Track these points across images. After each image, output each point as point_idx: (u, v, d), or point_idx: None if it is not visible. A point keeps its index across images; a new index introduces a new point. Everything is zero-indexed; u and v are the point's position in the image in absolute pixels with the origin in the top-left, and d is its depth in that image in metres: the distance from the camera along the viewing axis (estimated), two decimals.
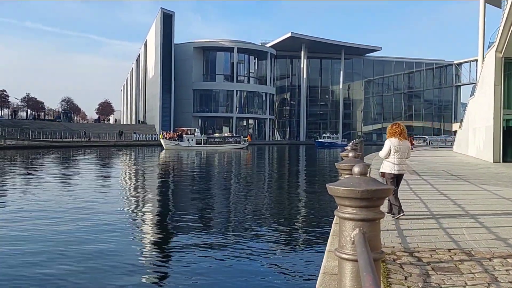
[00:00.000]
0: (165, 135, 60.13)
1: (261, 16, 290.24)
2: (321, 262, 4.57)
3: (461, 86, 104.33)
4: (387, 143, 6.85)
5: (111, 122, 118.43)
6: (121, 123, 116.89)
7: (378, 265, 2.38)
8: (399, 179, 6.97)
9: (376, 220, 2.32)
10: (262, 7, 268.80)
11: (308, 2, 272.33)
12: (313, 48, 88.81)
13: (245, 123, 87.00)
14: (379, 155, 7.09)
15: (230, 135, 69.07)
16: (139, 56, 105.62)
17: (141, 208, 14.40)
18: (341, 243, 2.34)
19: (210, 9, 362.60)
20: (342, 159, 8.45)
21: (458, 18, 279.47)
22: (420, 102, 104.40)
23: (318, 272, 4.09)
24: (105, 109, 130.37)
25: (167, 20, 75.77)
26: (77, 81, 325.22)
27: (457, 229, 5.78)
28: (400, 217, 6.49)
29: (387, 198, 5.38)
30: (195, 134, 62.13)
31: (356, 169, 2.40)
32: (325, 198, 14.73)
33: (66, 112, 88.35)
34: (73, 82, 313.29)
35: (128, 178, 24.25)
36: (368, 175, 2.47)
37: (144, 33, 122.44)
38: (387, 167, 6.84)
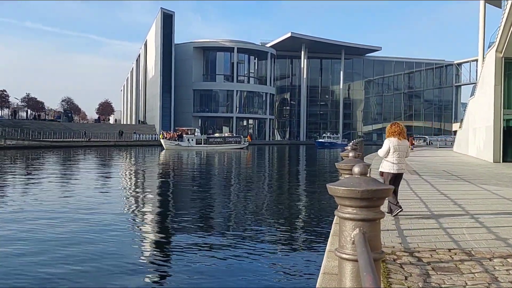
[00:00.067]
0: (165, 135, 60.12)
1: (261, 16, 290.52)
2: (321, 262, 4.58)
3: (461, 86, 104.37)
4: (386, 142, 6.88)
5: (111, 122, 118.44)
6: (121, 123, 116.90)
7: (378, 265, 2.38)
8: (398, 178, 6.98)
9: (376, 220, 2.32)
10: (262, 7, 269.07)
11: (308, 2, 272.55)
12: (313, 48, 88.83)
13: (245, 123, 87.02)
14: (378, 153, 7.12)
15: (230, 135, 69.06)
16: (139, 56, 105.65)
17: (142, 208, 14.41)
18: (341, 243, 2.34)
19: (210, 9, 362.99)
20: (342, 159, 8.46)
21: (458, 18, 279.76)
22: (420, 102, 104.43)
23: (318, 272, 4.09)
24: (105, 109, 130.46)
25: (167, 20, 75.81)
26: (77, 81, 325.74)
27: (457, 229, 5.78)
28: (398, 213, 6.50)
29: (387, 198, 5.39)
30: (195, 134, 62.12)
31: (356, 169, 2.40)
32: (325, 198, 14.73)
33: (66, 112, 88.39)
34: (73, 82, 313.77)
35: (129, 178, 24.26)
36: (368, 175, 2.47)
37: (144, 33, 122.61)
38: (386, 166, 6.86)
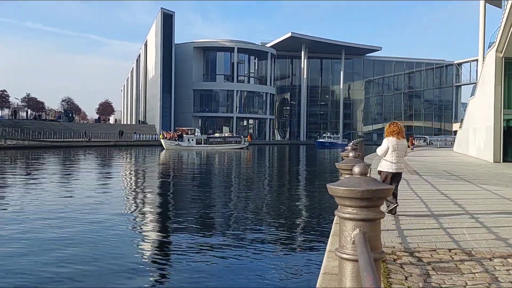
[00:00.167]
0: (165, 135, 60.11)
1: (261, 16, 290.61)
2: (321, 262, 4.58)
3: (462, 86, 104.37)
4: (385, 142, 6.94)
5: (111, 122, 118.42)
6: (122, 123, 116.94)
7: (378, 265, 2.38)
8: (397, 177, 7.02)
9: (376, 220, 2.32)
10: (262, 7, 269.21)
11: (308, 2, 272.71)
12: (314, 48, 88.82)
13: (245, 123, 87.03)
14: (377, 152, 7.16)
15: (230, 135, 69.04)
16: (139, 56, 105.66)
17: (142, 208, 14.40)
18: (341, 243, 2.34)
19: (210, 9, 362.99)
20: (343, 159, 8.46)
21: (458, 18, 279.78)
22: (421, 102, 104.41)
23: (319, 272, 4.09)
24: (105, 109, 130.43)
25: (167, 20, 75.81)
26: (78, 81, 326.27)
27: (458, 229, 5.78)
28: (395, 208, 6.53)
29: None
30: (195, 134, 62.10)
31: (356, 169, 2.40)
32: (326, 198, 14.73)
33: (67, 112, 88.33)
34: (74, 82, 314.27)
35: (129, 178, 24.26)
36: (368, 175, 2.47)
37: (144, 33, 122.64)
38: (385, 166, 6.91)
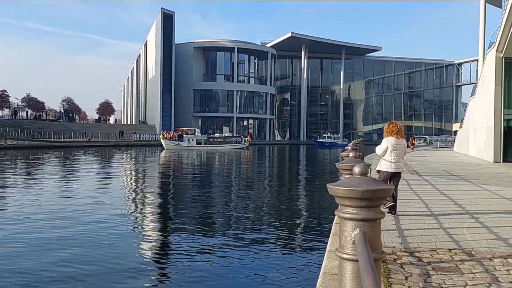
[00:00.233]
0: (165, 135, 60.11)
1: (261, 16, 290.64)
2: (321, 262, 4.58)
3: (462, 86, 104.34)
4: (384, 141, 6.95)
5: (111, 122, 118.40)
6: (122, 123, 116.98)
7: (378, 265, 2.38)
8: (396, 177, 7.03)
9: (376, 220, 2.32)
10: (262, 7, 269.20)
11: (308, 2, 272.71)
12: (314, 48, 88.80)
13: (245, 123, 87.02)
14: (376, 151, 7.18)
15: (230, 135, 69.01)
16: (139, 56, 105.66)
17: (143, 209, 14.40)
18: (341, 243, 2.34)
19: (210, 9, 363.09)
20: (343, 159, 8.47)
21: (459, 18, 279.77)
22: (421, 102, 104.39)
23: (319, 272, 4.09)
24: (105, 109, 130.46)
25: (167, 20, 75.81)
26: (78, 81, 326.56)
27: (458, 229, 5.78)
28: (389, 206, 6.56)
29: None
30: (196, 134, 62.08)
31: (356, 169, 2.40)
32: (326, 198, 14.73)
33: (68, 112, 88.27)
34: (74, 82, 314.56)
35: (129, 179, 24.25)
36: (368, 175, 2.48)
37: (144, 33, 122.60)
38: (384, 165, 6.93)
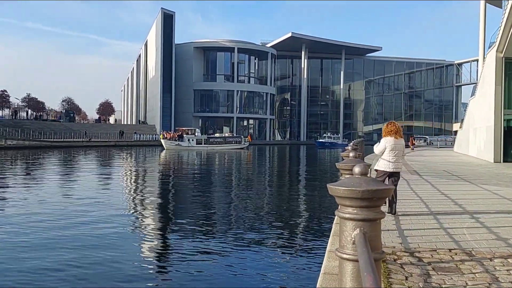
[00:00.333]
0: (165, 135, 60.11)
1: (261, 16, 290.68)
2: (321, 262, 4.57)
3: (462, 86, 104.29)
4: (383, 141, 6.99)
5: (111, 122, 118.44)
6: (122, 123, 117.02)
7: (378, 265, 2.38)
8: (395, 177, 7.04)
9: (376, 220, 2.32)
10: (262, 7, 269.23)
11: (309, 2, 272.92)
12: (314, 48, 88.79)
13: (245, 123, 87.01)
14: (374, 150, 7.21)
15: (230, 135, 68.97)
16: (139, 56, 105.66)
17: (143, 209, 14.40)
18: (341, 243, 2.34)
19: (210, 9, 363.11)
20: (343, 159, 8.47)
21: (459, 18, 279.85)
22: (421, 102, 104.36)
23: (319, 272, 4.09)
24: (105, 109, 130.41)
25: (167, 20, 75.82)
26: (78, 81, 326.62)
27: (458, 229, 5.78)
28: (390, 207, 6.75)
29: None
30: (196, 134, 62.07)
31: (356, 169, 2.40)
32: (326, 198, 14.72)
33: (68, 112, 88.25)
34: (74, 82, 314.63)
35: (130, 179, 24.25)
36: (368, 175, 2.47)
37: (144, 33, 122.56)
38: (383, 165, 6.96)
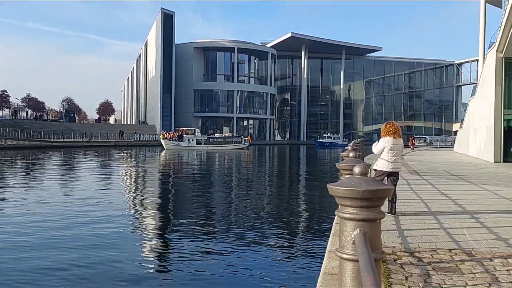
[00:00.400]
0: (165, 135, 60.08)
1: (261, 16, 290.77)
2: (321, 262, 4.57)
3: (462, 86, 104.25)
4: (381, 141, 7.02)
5: (111, 122, 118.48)
6: (122, 123, 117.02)
7: (378, 265, 2.38)
8: (394, 176, 7.06)
9: (376, 220, 2.32)
10: (262, 7, 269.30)
11: (309, 2, 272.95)
12: (314, 48, 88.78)
13: (245, 123, 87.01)
14: (373, 150, 7.22)
15: (230, 135, 68.95)
16: (139, 56, 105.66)
17: (144, 210, 14.39)
18: (341, 243, 2.34)
19: (210, 9, 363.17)
20: (343, 159, 8.47)
21: (459, 18, 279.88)
22: (421, 102, 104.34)
23: (319, 272, 4.09)
24: (105, 109, 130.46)
25: (167, 20, 75.81)
26: (78, 81, 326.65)
27: (458, 229, 5.78)
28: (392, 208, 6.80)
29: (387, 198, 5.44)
30: (196, 134, 62.05)
31: (356, 169, 2.40)
32: (326, 198, 14.72)
33: (69, 112, 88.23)
34: (74, 82, 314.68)
35: (130, 179, 24.25)
36: (368, 175, 2.47)
37: (144, 33, 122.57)
38: (382, 164, 6.98)
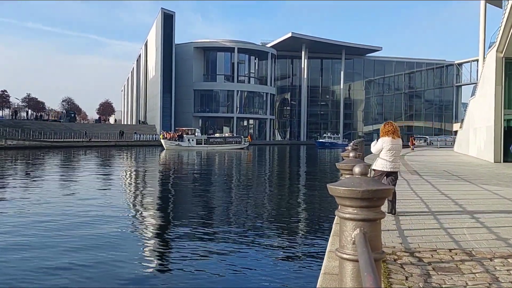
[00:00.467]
0: (165, 135, 60.06)
1: (261, 16, 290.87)
2: (321, 262, 4.57)
3: (462, 86, 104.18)
4: (380, 141, 7.05)
5: (111, 122, 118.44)
6: (122, 123, 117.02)
7: (378, 265, 2.38)
8: (392, 176, 7.07)
9: (377, 220, 2.32)
10: (262, 7, 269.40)
11: (309, 2, 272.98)
12: (314, 48, 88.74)
13: (245, 123, 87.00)
14: (371, 149, 7.24)
15: (230, 135, 68.93)
16: (139, 56, 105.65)
17: (144, 210, 14.40)
18: (342, 243, 2.34)
19: (210, 9, 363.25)
20: (343, 159, 8.47)
21: (459, 18, 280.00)
22: (421, 102, 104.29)
23: (319, 272, 4.08)
24: (105, 109, 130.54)
25: (167, 20, 75.81)
26: (78, 81, 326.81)
27: (458, 229, 5.78)
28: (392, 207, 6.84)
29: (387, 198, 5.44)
30: (196, 134, 62.04)
31: (356, 169, 2.40)
32: (326, 198, 14.72)
33: (69, 112, 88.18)
34: (74, 82, 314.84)
35: (130, 180, 24.25)
36: (368, 175, 2.47)
37: (144, 33, 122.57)
38: (380, 164, 7.01)
